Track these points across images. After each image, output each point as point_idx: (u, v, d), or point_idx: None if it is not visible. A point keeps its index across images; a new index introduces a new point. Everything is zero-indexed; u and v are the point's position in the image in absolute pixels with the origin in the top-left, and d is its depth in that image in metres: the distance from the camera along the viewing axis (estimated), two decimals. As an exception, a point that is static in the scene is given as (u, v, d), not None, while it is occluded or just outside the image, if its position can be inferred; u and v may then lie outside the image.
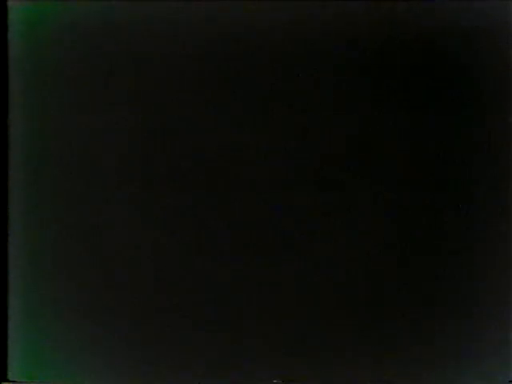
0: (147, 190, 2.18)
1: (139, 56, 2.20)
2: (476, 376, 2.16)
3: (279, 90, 2.18)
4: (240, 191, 2.17)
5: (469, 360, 2.15)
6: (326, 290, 2.16)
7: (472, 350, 2.15)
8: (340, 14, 2.18)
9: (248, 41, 2.19)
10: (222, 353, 2.17)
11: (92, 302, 2.18)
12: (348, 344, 2.16)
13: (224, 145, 2.18)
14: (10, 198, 2.20)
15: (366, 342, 2.15)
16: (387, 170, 2.17)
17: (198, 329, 2.17)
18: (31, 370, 2.19)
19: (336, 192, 2.16)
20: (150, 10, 2.20)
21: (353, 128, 2.17)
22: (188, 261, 2.17)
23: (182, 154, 2.19)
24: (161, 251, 2.18)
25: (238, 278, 2.17)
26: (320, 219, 2.16)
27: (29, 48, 2.21)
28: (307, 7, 2.18)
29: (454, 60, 2.18)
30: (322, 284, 2.16)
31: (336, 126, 2.17)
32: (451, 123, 2.18)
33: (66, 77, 2.21)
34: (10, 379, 2.19)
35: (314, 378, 2.16)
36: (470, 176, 2.17)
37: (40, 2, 2.22)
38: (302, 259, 2.16)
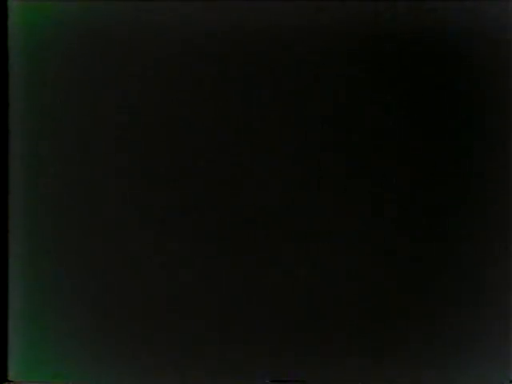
0: (147, 190, 2.18)
1: (140, 56, 2.20)
2: (476, 376, 2.16)
3: (279, 90, 2.18)
4: (239, 191, 2.17)
5: (469, 360, 2.15)
6: (326, 290, 2.16)
7: (472, 350, 2.15)
8: (339, 14, 2.19)
9: (247, 41, 2.19)
10: (222, 353, 2.17)
11: (92, 301, 2.18)
12: (347, 344, 2.16)
13: (224, 145, 2.18)
14: (10, 198, 2.20)
15: (365, 341, 2.15)
16: (387, 170, 2.17)
17: (198, 329, 2.17)
18: (31, 370, 2.19)
19: (335, 192, 2.17)
20: (152, 10, 2.20)
21: (352, 128, 2.17)
22: (188, 261, 2.17)
23: (183, 154, 2.19)
24: (161, 251, 2.18)
25: (237, 278, 2.17)
26: (319, 219, 2.16)
27: (29, 48, 2.21)
28: (307, 7, 2.18)
29: (454, 60, 2.18)
30: (322, 284, 2.16)
31: (336, 126, 2.18)
32: (451, 123, 2.18)
33: (66, 77, 2.21)
34: (10, 379, 2.19)
35: (314, 378, 2.16)
36: (470, 176, 2.17)
37: (40, 2, 2.22)
38: (302, 259, 2.16)
